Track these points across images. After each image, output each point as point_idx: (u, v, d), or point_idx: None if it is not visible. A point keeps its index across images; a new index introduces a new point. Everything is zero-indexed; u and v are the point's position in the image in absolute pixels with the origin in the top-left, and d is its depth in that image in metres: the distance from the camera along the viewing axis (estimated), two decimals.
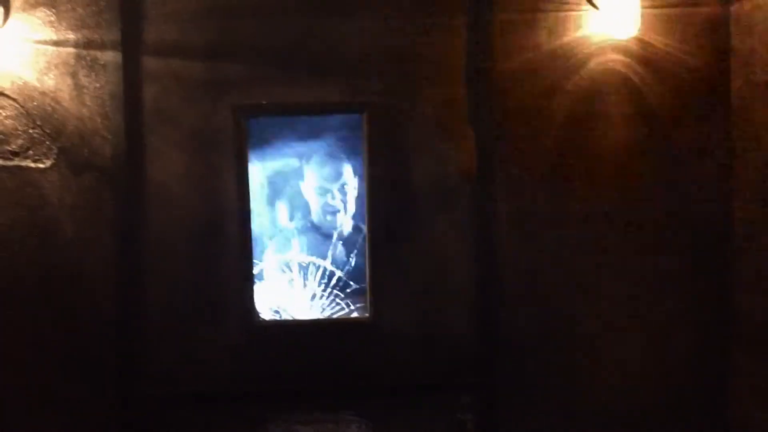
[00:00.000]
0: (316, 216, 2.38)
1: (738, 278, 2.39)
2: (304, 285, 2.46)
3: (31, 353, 2.40)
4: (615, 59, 2.37)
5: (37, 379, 2.40)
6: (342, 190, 2.39)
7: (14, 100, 2.36)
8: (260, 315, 2.46)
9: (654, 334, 2.45)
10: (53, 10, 2.36)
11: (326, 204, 2.38)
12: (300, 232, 2.42)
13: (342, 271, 2.45)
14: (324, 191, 2.39)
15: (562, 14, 2.38)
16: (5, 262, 2.38)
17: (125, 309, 2.39)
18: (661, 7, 2.36)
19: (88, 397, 2.41)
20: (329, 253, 2.43)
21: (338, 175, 2.40)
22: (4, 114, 2.36)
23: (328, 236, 2.40)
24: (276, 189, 2.43)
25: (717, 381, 2.45)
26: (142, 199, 2.41)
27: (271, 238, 2.44)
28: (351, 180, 2.41)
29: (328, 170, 2.39)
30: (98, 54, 2.36)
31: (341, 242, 2.43)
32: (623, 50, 2.37)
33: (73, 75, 2.37)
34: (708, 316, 2.45)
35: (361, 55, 2.41)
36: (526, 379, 2.45)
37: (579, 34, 2.37)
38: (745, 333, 2.36)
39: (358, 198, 2.44)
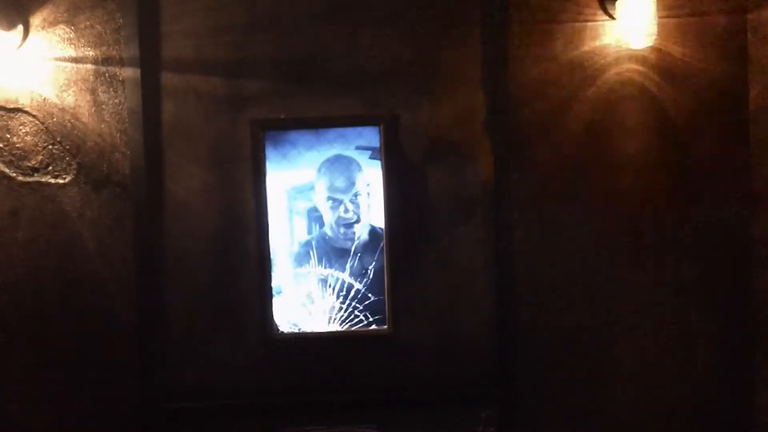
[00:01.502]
0: (330, 229, 2.36)
1: (760, 288, 2.38)
2: (323, 297, 2.45)
3: (50, 367, 2.42)
4: (632, 69, 2.37)
5: (57, 391, 2.42)
6: (355, 200, 2.37)
7: (34, 116, 2.39)
8: (279, 327, 2.46)
9: (676, 346, 2.44)
10: (72, 28, 2.38)
11: (339, 217, 2.36)
12: (317, 245, 2.41)
13: (360, 283, 2.44)
14: (337, 203, 2.38)
15: (578, 25, 2.38)
16: (27, 277, 2.41)
17: (145, 323, 2.41)
18: (678, 16, 2.36)
19: (107, 410, 2.42)
20: (347, 266, 2.43)
21: (351, 184, 2.38)
22: (24, 130, 2.39)
23: (343, 249, 2.39)
24: (294, 201, 2.43)
25: (741, 392, 2.44)
26: (161, 214, 2.43)
27: (289, 251, 2.44)
28: (365, 189, 2.39)
29: (341, 180, 2.38)
30: (117, 70, 2.38)
31: (359, 255, 2.42)
32: (640, 60, 2.37)
33: (92, 91, 2.39)
34: (730, 328, 2.43)
35: (377, 67, 2.42)
36: (547, 392, 2.44)
37: (596, 44, 2.37)
38: None
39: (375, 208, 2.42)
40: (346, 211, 2.43)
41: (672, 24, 2.36)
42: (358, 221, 2.43)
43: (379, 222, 2.43)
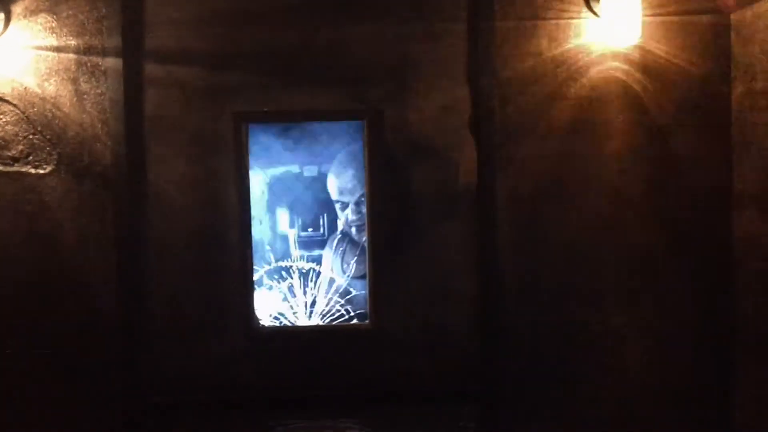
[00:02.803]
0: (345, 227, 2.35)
1: (739, 285, 2.40)
2: (304, 291, 2.45)
3: (33, 361, 2.40)
4: (616, 67, 2.37)
5: (39, 387, 2.40)
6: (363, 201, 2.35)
7: (15, 105, 2.37)
8: (261, 321, 2.45)
9: (658, 343, 2.45)
10: (54, 17, 2.36)
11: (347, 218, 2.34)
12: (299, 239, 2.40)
13: (343, 277, 2.44)
14: (344, 205, 2.36)
15: (562, 22, 2.38)
16: (5, 269, 2.38)
17: (127, 315, 2.39)
18: (662, 15, 2.37)
19: (91, 405, 2.40)
20: (330, 260, 2.43)
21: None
22: (4, 120, 2.37)
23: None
24: (276, 195, 2.42)
25: (722, 390, 2.45)
26: (143, 205, 2.41)
27: (271, 245, 2.43)
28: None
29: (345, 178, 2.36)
30: (99, 60, 2.36)
31: (342, 249, 2.42)
32: (624, 58, 2.37)
33: (74, 81, 2.37)
34: (712, 325, 2.44)
35: (362, 62, 2.41)
36: (529, 388, 2.44)
37: (580, 42, 2.38)
38: (750, 341, 2.36)
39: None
40: (355, 212, 2.43)
41: (656, 23, 2.37)
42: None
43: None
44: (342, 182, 2.43)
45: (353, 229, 2.43)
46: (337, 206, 2.43)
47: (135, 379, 2.40)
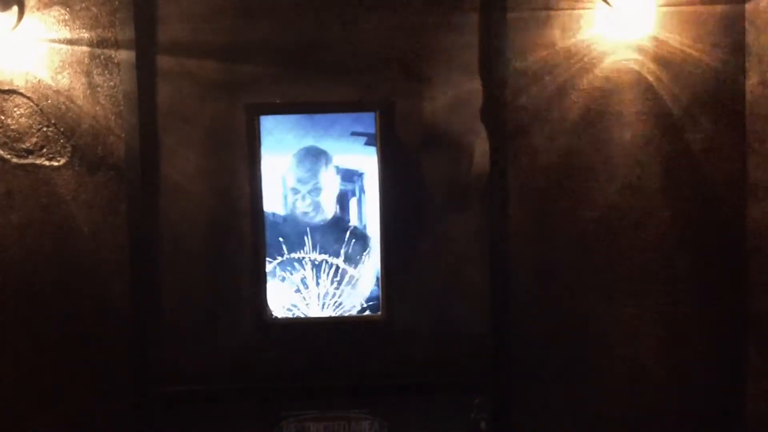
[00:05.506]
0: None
1: (753, 278, 2.39)
2: (317, 283, 2.46)
3: (45, 350, 2.42)
4: (629, 57, 2.37)
5: (51, 376, 2.42)
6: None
7: (29, 98, 2.38)
8: (273, 312, 2.46)
9: (669, 335, 2.45)
10: (67, 9, 2.37)
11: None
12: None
13: (355, 268, 2.45)
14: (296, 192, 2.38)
15: (575, 12, 2.37)
16: (20, 260, 2.40)
17: (139, 306, 2.41)
18: (676, 5, 2.35)
19: (102, 394, 2.43)
20: (342, 251, 2.44)
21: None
22: (18, 112, 2.39)
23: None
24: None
25: (733, 383, 2.45)
26: (156, 197, 2.42)
27: (284, 236, 2.44)
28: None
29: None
30: (112, 53, 2.37)
31: (354, 240, 2.43)
32: (637, 48, 2.36)
33: (87, 74, 2.38)
34: (723, 317, 2.44)
35: (374, 53, 2.41)
36: (540, 380, 2.45)
37: (593, 32, 2.37)
38: (760, 333, 2.36)
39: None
40: (305, 200, 2.43)
41: (669, 13, 2.36)
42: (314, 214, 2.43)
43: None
44: (300, 172, 2.43)
45: (300, 215, 2.43)
46: (291, 192, 2.43)
47: (146, 369, 2.42)
